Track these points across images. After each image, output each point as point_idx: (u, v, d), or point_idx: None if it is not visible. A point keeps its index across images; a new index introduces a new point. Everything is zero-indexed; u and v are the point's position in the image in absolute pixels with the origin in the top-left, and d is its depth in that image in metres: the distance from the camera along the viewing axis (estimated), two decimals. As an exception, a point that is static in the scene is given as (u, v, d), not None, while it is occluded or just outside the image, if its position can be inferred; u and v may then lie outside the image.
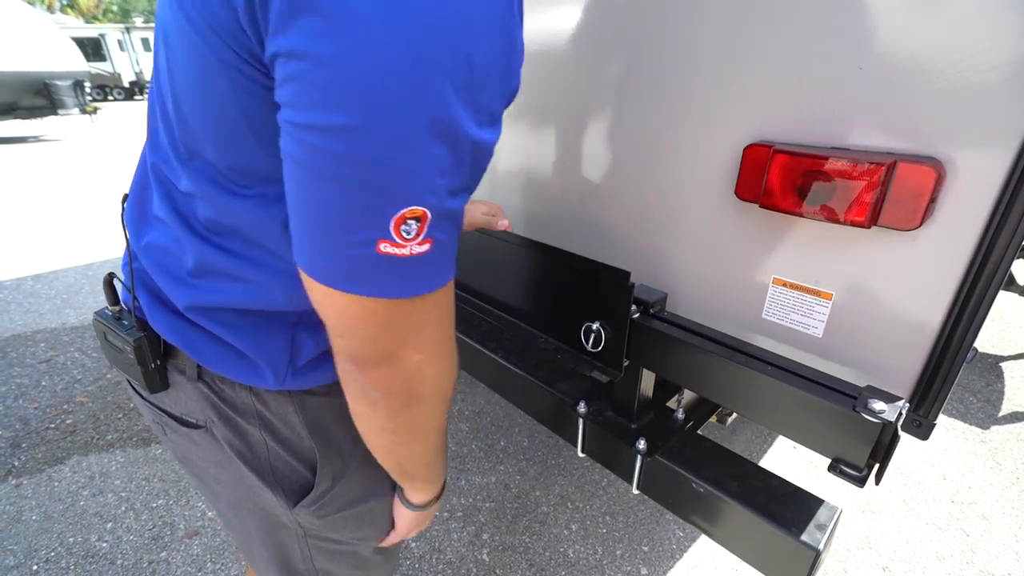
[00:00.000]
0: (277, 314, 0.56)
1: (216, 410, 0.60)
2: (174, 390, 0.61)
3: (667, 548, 1.62)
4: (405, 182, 0.36)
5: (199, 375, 0.59)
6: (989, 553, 1.59)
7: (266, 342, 0.56)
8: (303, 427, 0.62)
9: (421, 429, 0.54)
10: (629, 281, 0.79)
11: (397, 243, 0.38)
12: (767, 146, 0.70)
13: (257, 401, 0.60)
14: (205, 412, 0.60)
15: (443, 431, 0.58)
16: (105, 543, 1.63)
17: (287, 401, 0.61)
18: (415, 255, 0.39)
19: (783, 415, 0.72)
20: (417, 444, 0.56)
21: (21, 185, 5.72)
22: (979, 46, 0.55)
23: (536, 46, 0.98)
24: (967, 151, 0.59)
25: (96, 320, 0.62)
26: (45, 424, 2.16)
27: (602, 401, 1.03)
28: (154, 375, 0.59)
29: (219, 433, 0.61)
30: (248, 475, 0.62)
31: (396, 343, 0.45)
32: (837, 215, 0.65)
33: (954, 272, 0.63)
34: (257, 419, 0.61)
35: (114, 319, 0.60)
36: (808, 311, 0.77)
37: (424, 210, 0.38)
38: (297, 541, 0.70)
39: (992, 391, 2.37)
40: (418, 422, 0.52)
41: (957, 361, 0.66)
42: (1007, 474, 1.90)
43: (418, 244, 0.39)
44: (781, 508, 0.78)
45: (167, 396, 0.62)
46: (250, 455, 0.62)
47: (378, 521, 0.74)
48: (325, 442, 0.64)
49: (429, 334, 0.46)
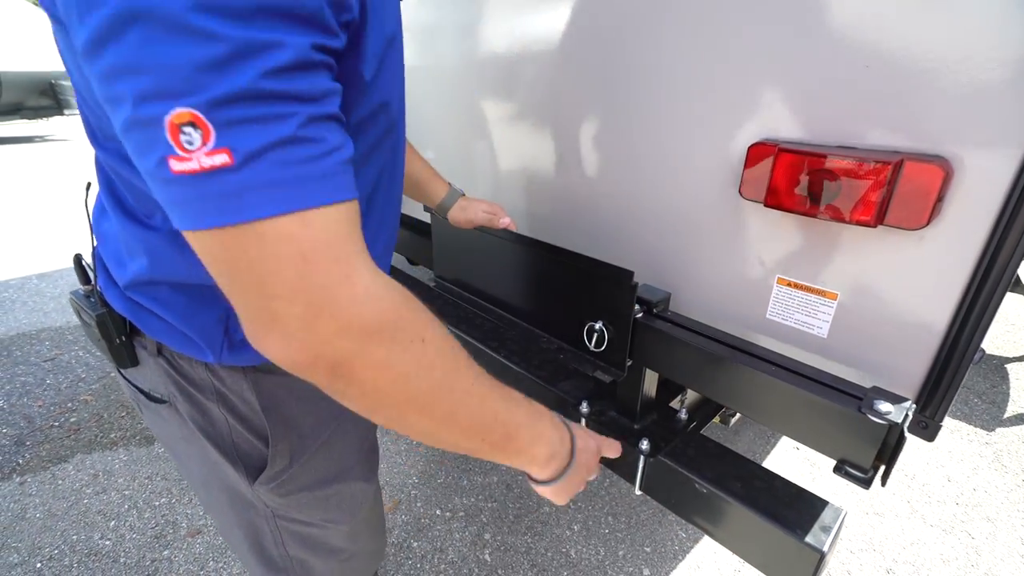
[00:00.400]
0: (206, 287, 0.54)
1: (176, 385, 0.62)
2: (143, 366, 0.65)
3: (670, 549, 1.62)
4: (160, 80, 0.33)
5: (158, 351, 0.62)
6: (994, 556, 1.58)
7: (199, 316, 0.57)
8: (257, 405, 0.63)
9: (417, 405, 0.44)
10: (632, 280, 0.78)
11: (181, 156, 0.34)
12: (772, 145, 0.70)
13: (214, 377, 0.61)
14: (168, 387, 0.63)
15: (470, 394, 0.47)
16: (108, 541, 1.64)
17: (241, 378, 0.62)
18: (208, 170, 0.34)
19: (787, 416, 0.71)
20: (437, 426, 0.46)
21: (27, 184, 5.75)
22: (987, 43, 0.55)
23: (540, 44, 0.98)
24: (975, 150, 0.58)
25: (71, 298, 0.67)
26: (49, 422, 2.16)
27: (605, 401, 1.03)
28: (121, 350, 0.63)
29: (182, 408, 0.64)
30: (211, 451, 0.65)
31: (261, 296, 0.37)
32: (842, 214, 0.65)
33: (961, 272, 0.63)
34: (215, 395, 0.62)
35: (84, 297, 0.64)
36: (813, 311, 0.77)
37: (192, 112, 0.33)
38: (267, 523, 0.70)
39: (997, 393, 2.36)
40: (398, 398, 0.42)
41: (964, 362, 0.65)
42: (1012, 476, 1.88)
43: (207, 155, 0.34)
44: (785, 509, 0.78)
45: (138, 372, 0.66)
46: (212, 431, 0.64)
47: (345, 504, 0.75)
48: (281, 421, 0.64)
49: (287, 278, 0.37)
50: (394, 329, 0.40)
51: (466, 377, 0.46)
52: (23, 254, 3.88)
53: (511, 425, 0.51)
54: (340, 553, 0.78)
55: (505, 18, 1.03)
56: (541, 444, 0.54)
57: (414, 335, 0.42)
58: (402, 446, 2.04)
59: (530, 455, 0.54)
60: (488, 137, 1.18)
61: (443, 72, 1.23)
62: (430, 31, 1.22)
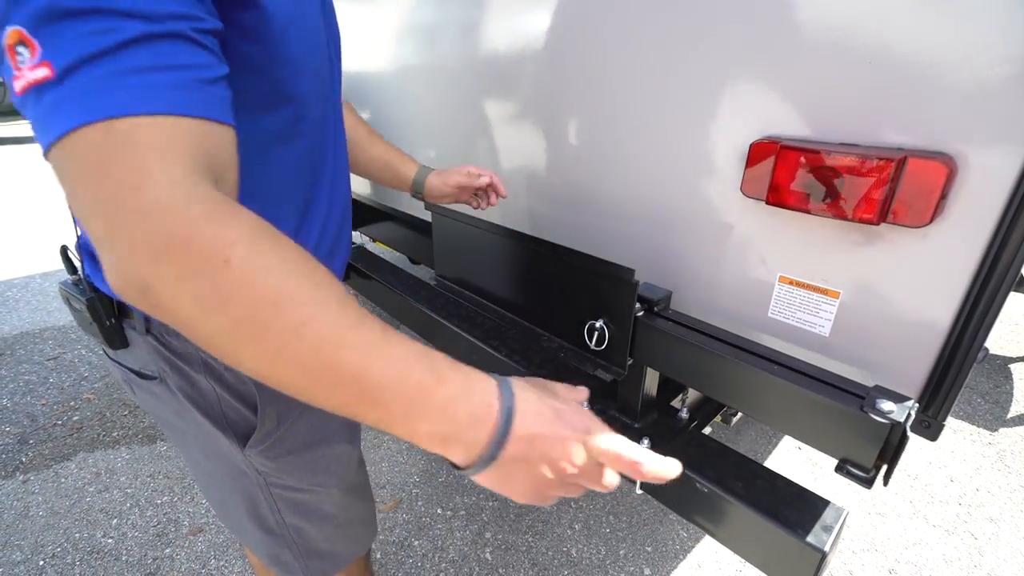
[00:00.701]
0: None
1: (166, 360, 0.65)
2: (133, 347, 0.67)
3: (671, 548, 1.61)
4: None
5: (147, 329, 0.64)
6: (997, 556, 1.57)
7: None
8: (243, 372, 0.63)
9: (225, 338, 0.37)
10: (633, 278, 0.78)
11: (16, 75, 0.35)
12: (774, 142, 0.69)
13: (200, 349, 0.62)
14: (158, 363, 0.66)
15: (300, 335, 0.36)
16: (110, 539, 1.64)
17: None
18: (34, 84, 0.34)
19: (789, 415, 0.71)
20: (263, 366, 0.38)
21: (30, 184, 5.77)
22: (992, 39, 0.54)
23: (540, 42, 0.97)
24: (979, 147, 0.58)
25: (60, 288, 0.69)
26: (52, 421, 2.17)
27: (606, 400, 1.03)
28: (111, 332, 0.65)
29: (172, 382, 0.66)
30: (203, 421, 0.67)
31: (82, 217, 0.36)
32: (845, 212, 0.64)
33: (965, 270, 0.62)
34: (202, 366, 0.65)
35: (73, 285, 0.66)
36: (815, 310, 0.76)
37: (19, 30, 0.34)
38: (261, 491, 0.74)
39: (1000, 393, 2.35)
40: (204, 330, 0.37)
41: (968, 361, 0.65)
42: (1016, 477, 1.87)
43: (30, 69, 0.34)
44: (786, 509, 0.77)
45: (128, 354, 0.68)
46: (202, 402, 0.67)
47: (333, 468, 0.79)
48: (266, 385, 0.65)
49: (88, 192, 0.35)
50: (184, 247, 0.34)
51: (291, 311, 0.36)
52: (26, 253, 3.90)
53: (370, 385, 0.38)
54: (333, 519, 0.82)
55: (505, 16, 1.02)
56: (423, 419, 0.39)
57: (211, 255, 0.35)
58: (403, 445, 2.05)
59: (406, 429, 0.40)
60: (489, 136, 1.18)
61: (445, 72, 1.22)
62: (432, 30, 1.22)
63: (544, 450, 0.42)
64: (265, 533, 0.78)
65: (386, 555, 1.59)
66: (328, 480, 0.79)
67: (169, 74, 0.37)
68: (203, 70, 0.39)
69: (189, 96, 0.38)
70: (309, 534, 0.80)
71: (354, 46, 1.54)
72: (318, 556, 0.83)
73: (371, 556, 1.02)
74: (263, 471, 0.73)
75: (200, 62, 0.39)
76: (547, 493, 0.44)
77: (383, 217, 1.82)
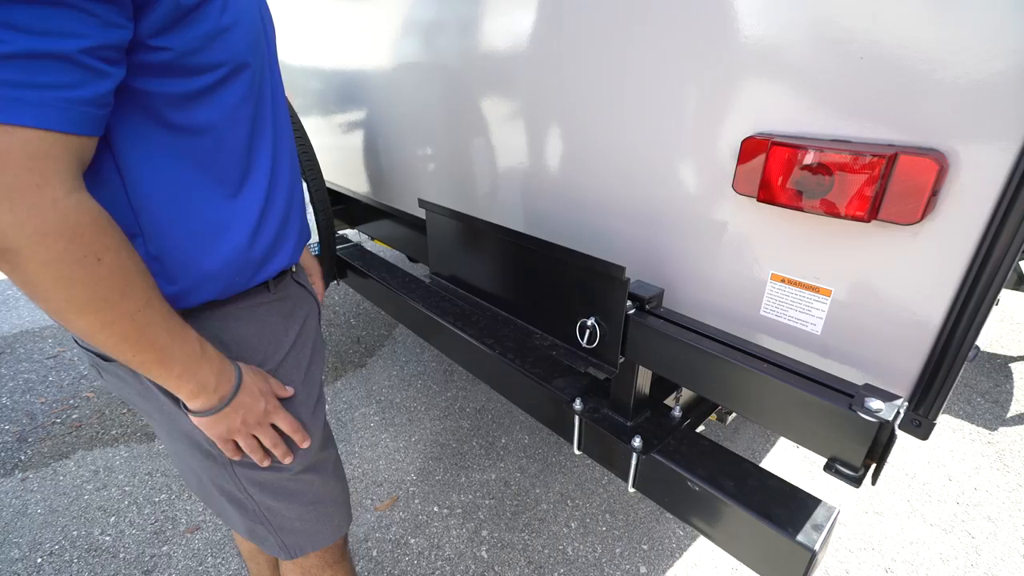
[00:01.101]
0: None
1: None
2: None
3: (667, 547, 1.61)
4: None
5: None
6: (994, 555, 1.56)
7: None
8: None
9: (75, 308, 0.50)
10: (624, 276, 0.78)
11: None
12: (765, 139, 0.69)
13: None
14: None
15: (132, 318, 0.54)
16: (108, 537, 1.65)
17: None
18: None
19: (779, 413, 0.71)
20: (92, 331, 0.52)
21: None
22: (983, 36, 0.54)
23: (534, 43, 0.97)
24: (970, 144, 0.57)
25: None
26: (51, 419, 2.18)
27: (599, 398, 1.02)
28: None
29: None
30: (164, 400, 0.69)
31: None
32: (836, 209, 0.64)
33: (956, 268, 0.62)
34: None
35: None
36: (806, 307, 0.76)
37: None
38: (226, 470, 0.77)
39: (1000, 392, 2.34)
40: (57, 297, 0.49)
41: (959, 360, 0.64)
42: (1014, 476, 1.87)
43: None
44: (777, 508, 0.77)
45: None
46: None
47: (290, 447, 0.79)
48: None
49: None
50: (70, 240, 0.47)
51: (132, 302, 0.53)
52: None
53: (166, 355, 0.58)
54: (300, 497, 0.83)
55: (498, 15, 1.02)
56: (190, 381, 0.61)
57: (89, 252, 0.48)
58: (400, 443, 2.05)
59: (176, 385, 0.61)
60: (484, 134, 1.17)
61: (439, 72, 1.22)
62: (425, 31, 1.22)
63: (243, 412, 0.68)
64: (237, 509, 0.82)
65: (382, 553, 1.59)
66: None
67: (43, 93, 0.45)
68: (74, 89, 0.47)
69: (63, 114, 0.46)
70: (279, 512, 0.82)
71: (349, 46, 1.54)
72: (292, 533, 0.85)
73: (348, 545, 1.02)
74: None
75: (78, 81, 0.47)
76: (234, 436, 0.69)
77: (381, 215, 1.82)
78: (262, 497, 0.80)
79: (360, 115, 1.63)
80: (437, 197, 1.40)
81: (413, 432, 2.11)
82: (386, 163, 1.59)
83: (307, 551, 0.88)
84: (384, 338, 2.82)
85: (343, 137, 1.77)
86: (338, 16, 1.53)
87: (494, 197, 1.22)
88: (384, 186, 1.66)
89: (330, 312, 3.10)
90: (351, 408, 2.26)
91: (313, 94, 1.86)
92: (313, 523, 0.87)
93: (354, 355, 2.66)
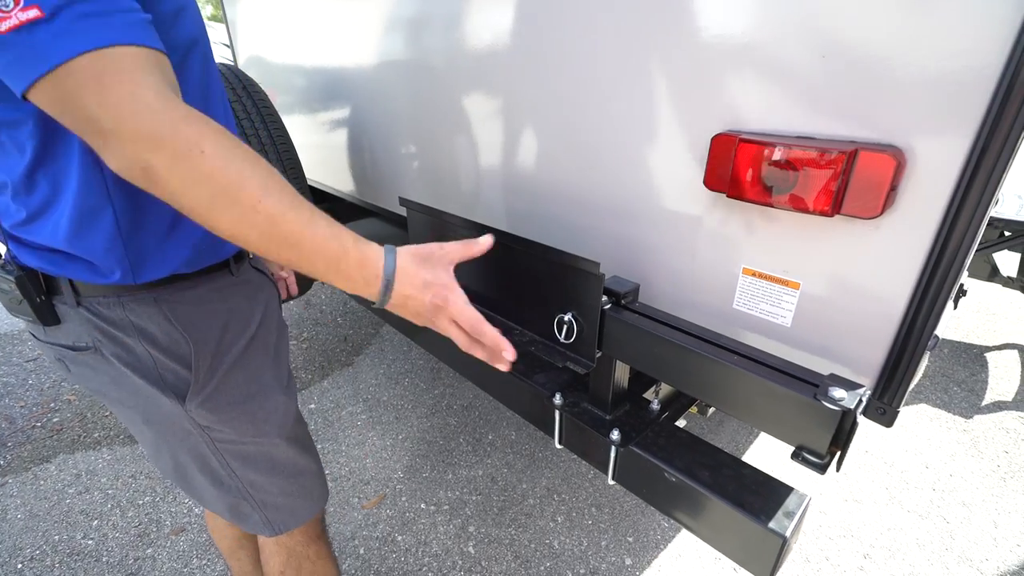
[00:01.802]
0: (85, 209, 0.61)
1: (99, 330, 0.69)
2: (65, 322, 0.70)
3: (652, 539, 1.64)
4: None
5: (77, 301, 0.67)
6: (968, 539, 1.61)
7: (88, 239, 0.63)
8: (175, 328, 0.70)
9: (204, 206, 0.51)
10: (599, 271, 0.79)
11: (2, 17, 0.43)
12: (733, 135, 0.70)
13: (130, 314, 0.69)
14: (91, 334, 0.69)
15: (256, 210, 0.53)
16: (91, 540, 1.63)
17: (156, 310, 0.70)
18: (26, 23, 0.44)
19: (749, 404, 0.72)
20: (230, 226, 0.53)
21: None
22: (936, 37, 0.55)
23: (513, 43, 0.97)
24: (926, 140, 0.59)
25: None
26: (31, 423, 2.15)
27: (579, 393, 1.04)
28: (43, 309, 0.68)
29: (107, 350, 0.69)
30: (142, 384, 0.71)
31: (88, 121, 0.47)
32: (800, 204, 0.65)
33: (916, 260, 0.64)
34: (135, 331, 0.69)
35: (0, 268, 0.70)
36: (777, 301, 0.78)
37: None
38: (207, 446, 0.78)
39: (976, 381, 2.40)
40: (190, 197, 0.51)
41: (919, 348, 0.66)
42: (988, 462, 1.92)
43: (21, 11, 0.43)
44: (751, 496, 0.79)
45: (59, 331, 0.71)
46: (139, 365, 0.70)
47: (272, 418, 0.83)
48: (197, 340, 0.72)
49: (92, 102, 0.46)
50: (172, 138, 0.48)
51: (249, 193, 0.52)
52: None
53: (304, 250, 0.56)
54: (282, 470, 0.86)
55: (476, 16, 1.02)
56: (336, 277, 0.60)
57: (192, 145, 0.49)
58: (387, 441, 2.05)
59: (329, 279, 0.60)
60: (464, 132, 1.18)
61: (420, 71, 1.22)
62: (406, 28, 1.22)
63: (414, 306, 0.65)
64: (219, 487, 0.82)
65: (369, 551, 1.60)
66: (269, 429, 0.83)
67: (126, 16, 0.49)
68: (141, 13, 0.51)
69: (141, 31, 0.50)
70: (262, 486, 0.84)
71: (331, 43, 1.53)
72: (275, 508, 0.87)
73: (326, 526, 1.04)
74: (205, 426, 0.77)
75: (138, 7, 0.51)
76: (426, 324, 0.67)
77: (365, 214, 1.82)
78: (244, 471, 0.81)
79: (342, 113, 1.62)
80: (418, 195, 1.40)
81: (400, 430, 2.11)
82: (368, 161, 1.59)
83: (291, 527, 0.90)
84: (371, 336, 2.81)
85: (325, 135, 1.77)
86: (320, 13, 1.52)
87: (474, 195, 1.22)
88: (367, 184, 1.66)
89: (317, 311, 3.09)
90: (338, 407, 2.26)
91: (295, 92, 1.84)
92: (295, 497, 0.89)
93: (341, 354, 2.65)
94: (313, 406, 2.27)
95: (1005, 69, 0.52)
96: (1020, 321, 2.92)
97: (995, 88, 0.53)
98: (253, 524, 0.87)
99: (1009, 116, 0.52)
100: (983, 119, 0.54)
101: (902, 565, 1.53)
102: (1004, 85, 0.52)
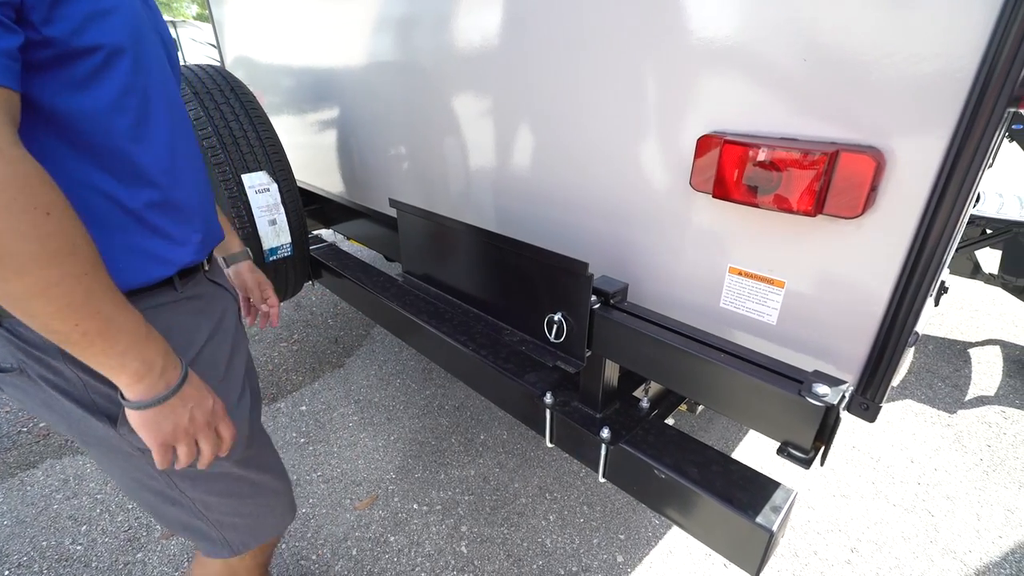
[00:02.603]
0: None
1: (22, 351, 0.65)
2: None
3: (643, 536, 1.65)
4: None
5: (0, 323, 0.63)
6: (952, 532, 1.64)
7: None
8: None
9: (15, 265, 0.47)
10: (588, 271, 0.80)
11: None
12: (718, 137, 0.72)
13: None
14: (14, 355, 0.66)
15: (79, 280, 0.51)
16: (79, 546, 1.61)
17: None
18: None
19: (735, 401, 0.73)
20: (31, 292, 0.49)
21: None
22: (913, 41, 0.57)
23: (498, 43, 0.98)
24: (904, 141, 0.61)
25: None
26: (17, 428, 2.11)
27: (569, 392, 1.05)
28: None
29: (33, 372, 0.66)
30: (73, 408, 0.67)
31: None
32: (784, 204, 0.67)
33: (896, 258, 0.65)
34: (61, 355, 0.65)
35: None
36: (763, 299, 0.79)
37: None
38: (151, 466, 0.74)
39: (959, 376, 2.44)
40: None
41: (900, 344, 0.68)
42: (971, 456, 1.96)
43: None
44: (738, 492, 0.80)
45: None
46: (69, 388, 0.67)
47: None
48: None
49: None
50: (19, 189, 0.46)
51: (80, 262, 0.51)
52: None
53: (112, 326, 0.54)
54: (237, 490, 0.82)
55: (466, 18, 1.03)
56: (136, 359, 0.57)
57: (38, 203, 0.47)
58: (379, 442, 2.05)
59: (119, 363, 0.56)
60: (455, 134, 1.18)
61: (410, 73, 1.22)
62: (395, 30, 1.22)
63: (192, 407, 0.63)
64: (172, 505, 0.79)
65: (362, 552, 1.59)
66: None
67: None
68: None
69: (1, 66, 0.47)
70: (216, 506, 0.80)
71: (320, 45, 1.52)
72: (233, 528, 0.83)
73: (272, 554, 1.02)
74: (144, 449, 0.71)
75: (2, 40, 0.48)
76: (179, 440, 0.64)
77: (355, 215, 1.81)
78: (195, 492, 0.78)
79: (331, 114, 1.62)
80: (408, 196, 1.40)
81: (392, 431, 2.11)
82: (358, 162, 1.59)
83: (252, 547, 0.86)
84: (362, 338, 2.80)
85: (314, 136, 1.76)
86: (308, 13, 1.52)
87: (464, 196, 1.23)
88: (357, 186, 1.66)
89: (307, 313, 3.07)
90: (329, 408, 2.25)
91: (283, 92, 1.84)
92: (254, 517, 0.85)
93: (332, 355, 2.64)
94: (304, 408, 2.26)
95: (978, 72, 0.53)
96: (1002, 317, 2.98)
97: (969, 90, 0.54)
98: (211, 544, 0.83)
99: (983, 117, 0.54)
100: (958, 120, 0.56)
101: (888, 558, 1.56)
102: (978, 87, 0.53)
